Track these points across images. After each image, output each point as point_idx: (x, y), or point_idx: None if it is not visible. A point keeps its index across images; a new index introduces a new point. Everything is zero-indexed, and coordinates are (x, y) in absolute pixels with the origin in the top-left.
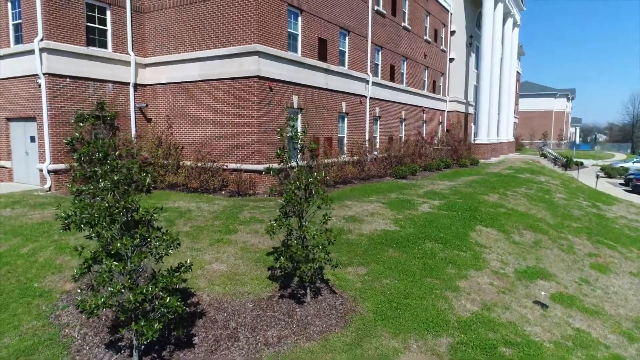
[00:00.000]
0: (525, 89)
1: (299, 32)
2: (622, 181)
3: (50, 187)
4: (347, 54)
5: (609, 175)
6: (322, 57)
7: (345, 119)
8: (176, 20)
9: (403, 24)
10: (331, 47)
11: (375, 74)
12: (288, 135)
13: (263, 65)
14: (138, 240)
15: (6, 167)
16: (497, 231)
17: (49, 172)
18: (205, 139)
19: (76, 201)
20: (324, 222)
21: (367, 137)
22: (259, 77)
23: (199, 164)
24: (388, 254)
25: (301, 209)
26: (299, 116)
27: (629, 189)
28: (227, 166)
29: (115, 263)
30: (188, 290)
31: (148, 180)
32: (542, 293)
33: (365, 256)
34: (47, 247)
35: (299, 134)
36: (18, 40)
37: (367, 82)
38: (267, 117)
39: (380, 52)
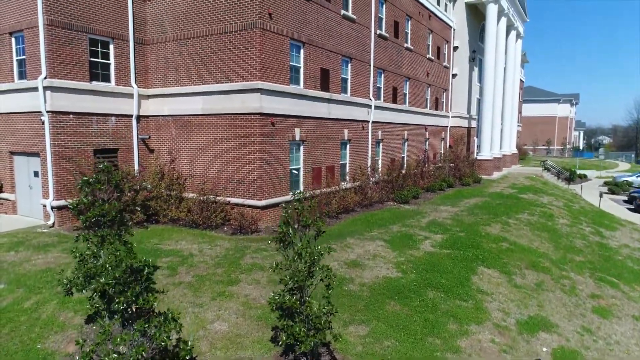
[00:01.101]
0: (529, 95)
1: (301, 65)
2: (625, 198)
3: (53, 223)
4: (349, 81)
5: (612, 192)
6: (325, 87)
7: (348, 146)
8: (179, 53)
9: (405, 45)
10: (333, 76)
11: (377, 97)
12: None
13: (265, 102)
14: (137, 335)
15: (10, 200)
16: (499, 273)
17: (52, 208)
18: (207, 172)
19: (78, 263)
20: (326, 296)
21: (369, 162)
22: (261, 114)
23: (202, 198)
24: (389, 307)
25: (303, 285)
26: (301, 148)
27: (633, 207)
28: (229, 201)
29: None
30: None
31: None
32: (544, 349)
33: (366, 312)
34: (51, 300)
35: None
36: (22, 75)
37: (369, 106)
38: (269, 153)
39: (382, 75)
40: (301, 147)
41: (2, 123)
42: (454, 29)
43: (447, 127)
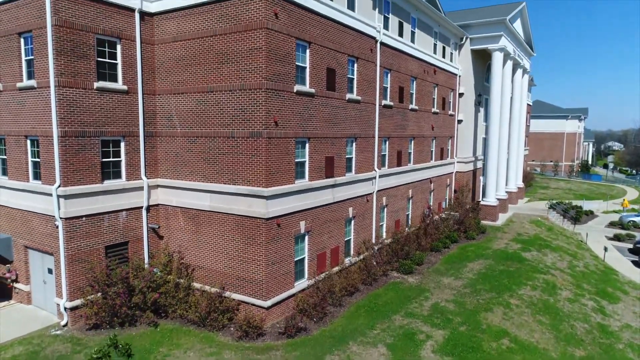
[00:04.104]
0: (537, 110)
1: (306, 158)
2: (630, 246)
3: (67, 323)
4: (353, 160)
5: (618, 238)
6: (329, 173)
7: (352, 222)
8: (187, 150)
9: (410, 106)
10: (338, 160)
11: (382, 165)
12: None
13: (271, 207)
14: None
15: (25, 291)
16: None
17: (65, 309)
18: (215, 266)
19: None
20: None
21: (373, 232)
22: (267, 219)
23: (209, 300)
24: None
25: None
26: (306, 238)
27: (637, 259)
28: (235, 298)
29: None
30: None
31: None
32: None
33: None
34: None
35: None
36: (37, 176)
37: (373, 178)
38: (274, 253)
39: (387, 142)
40: (306, 237)
41: (18, 218)
42: (460, 76)
43: (453, 172)
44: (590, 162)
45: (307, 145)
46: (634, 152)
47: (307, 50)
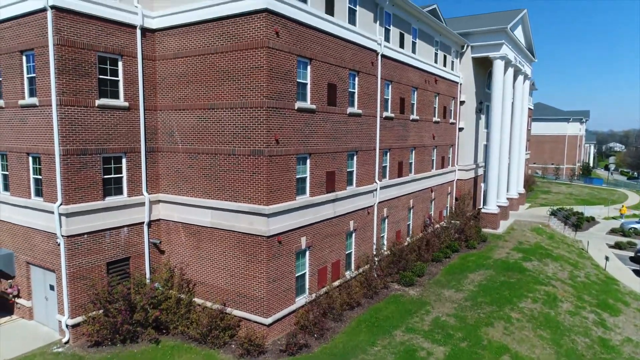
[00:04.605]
0: (538, 113)
1: (308, 174)
2: (632, 254)
3: (68, 340)
4: (354, 173)
5: (619, 247)
6: (330, 188)
7: (353, 235)
8: (188, 166)
9: (411, 117)
10: (339, 174)
11: (383, 177)
12: None
13: (272, 225)
14: None
15: (27, 306)
16: None
17: (67, 326)
18: (216, 282)
19: None
20: None
21: (374, 243)
22: (269, 237)
23: (209, 311)
24: None
25: None
26: (307, 253)
27: (638, 268)
28: (236, 315)
29: None
30: None
31: None
32: None
33: None
34: None
35: None
36: (38, 193)
37: (374, 190)
38: (275, 270)
39: (388, 154)
40: (307, 253)
41: (20, 234)
42: (461, 84)
43: (454, 180)
44: (591, 165)
45: (308, 161)
46: (635, 154)
47: (308, 67)
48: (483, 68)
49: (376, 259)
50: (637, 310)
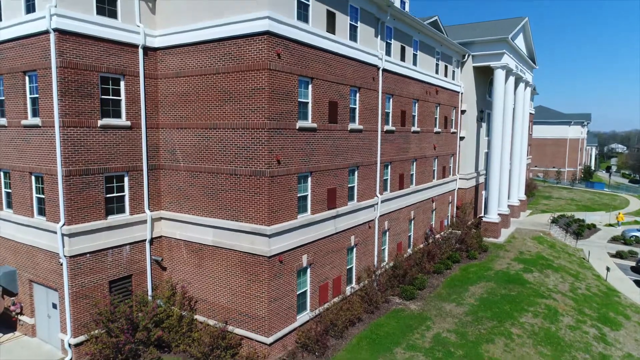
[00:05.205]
0: (539, 116)
1: (309, 192)
2: (633, 264)
3: (71, 359)
4: (355, 189)
5: (620, 256)
6: (331, 205)
7: (354, 250)
8: (190, 184)
9: (412, 129)
10: (340, 191)
11: (384, 190)
12: None
13: (274, 245)
14: None
15: (29, 323)
16: None
17: (69, 345)
18: (218, 300)
19: None
20: None
21: (375, 257)
22: (270, 257)
23: (211, 330)
24: None
25: None
26: (308, 271)
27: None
28: (238, 333)
29: None
30: None
31: None
32: None
33: None
34: None
35: None
36: (41, 212)
37: (375, 204)
38: (277, 289)
39: (389, 167)
40: (308, 270)
41: (23, 252)
42: (462, 93)
43: (455, 189)
44: (593, 168)
45: (309, 179)
46: (637, 156)
47: (310, 86)
48: (484, 76)
49: (377, 271)
50: (638, 324)
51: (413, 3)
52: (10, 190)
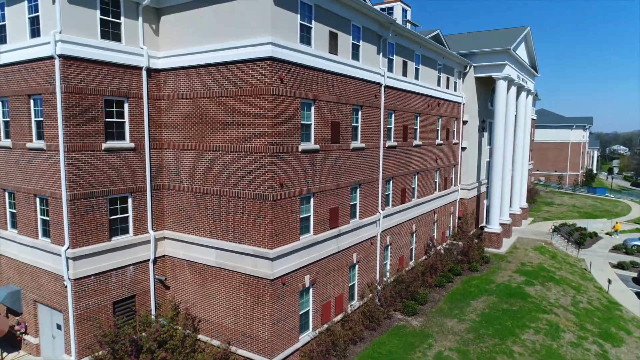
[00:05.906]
0: (541, 120)
1: (311, 213)
2: (635, 275)
3: None
4: (357, 206)
5: (621, 267)
6: (334, 225)
7: (356, 267)
8: (193, 205)
9: (414, 143)
10: (342, 209)
11: (386, 205)
12: None
13: (277, 268)
14: None
15: (34, 343)
16: None
17: None
18: (221, 320)
19: None
20: None
21: (377, 272)
22: (273, 279)
23: (214, 354)
24: None
25: None
26: (311, 291)
27: None
28: (240, 354)
29: None
30: None
31: None
32: None
33: None
34: None
35: None
36: (46, 233)
37: (377, 220)
38: (280, 311)
39: (391, 182)
40: (310, 290)
41: (27, 272)
42: (464, 104)
43: (456, 200)
44: (594, 171)
45: (312, 200)
46: (639, 158)
47: (312, 107)
48: (486, 85)
49: (379, 286)
50: (639, 340)
51: (414, 9)
52: (15, 211)
